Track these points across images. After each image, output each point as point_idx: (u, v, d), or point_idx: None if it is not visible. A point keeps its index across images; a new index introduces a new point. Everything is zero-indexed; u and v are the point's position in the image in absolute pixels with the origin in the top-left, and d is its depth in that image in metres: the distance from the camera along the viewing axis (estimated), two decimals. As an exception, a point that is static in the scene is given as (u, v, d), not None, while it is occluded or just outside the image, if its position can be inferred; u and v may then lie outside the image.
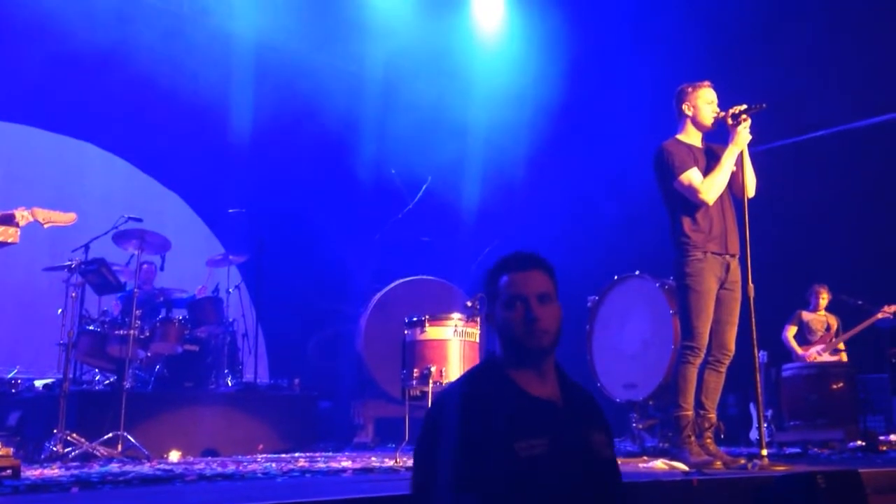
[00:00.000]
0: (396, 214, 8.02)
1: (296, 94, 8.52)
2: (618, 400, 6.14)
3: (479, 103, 9.33)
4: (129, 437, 5.69)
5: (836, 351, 7.36)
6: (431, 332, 5.15)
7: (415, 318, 5.25)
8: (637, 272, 6.22)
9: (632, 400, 6.03)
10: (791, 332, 7.46)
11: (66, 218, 4.68)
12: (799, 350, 7.34)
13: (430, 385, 5.00)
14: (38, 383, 6.90)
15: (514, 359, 2.21)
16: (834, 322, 7.45)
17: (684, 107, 4.49)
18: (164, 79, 7.83)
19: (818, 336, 7.40)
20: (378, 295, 7.59)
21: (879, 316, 7.12)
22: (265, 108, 8.33)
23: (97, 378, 7.04)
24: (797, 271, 7.75)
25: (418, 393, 5.14)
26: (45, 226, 4.62)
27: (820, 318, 7.47)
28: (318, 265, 8.80)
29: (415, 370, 5.12)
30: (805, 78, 7.91)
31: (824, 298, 7.46)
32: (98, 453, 5.53)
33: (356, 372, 7.73)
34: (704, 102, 4.45)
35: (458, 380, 2.32)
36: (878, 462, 4.74)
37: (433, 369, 5.04)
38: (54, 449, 5.40)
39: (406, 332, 5.29)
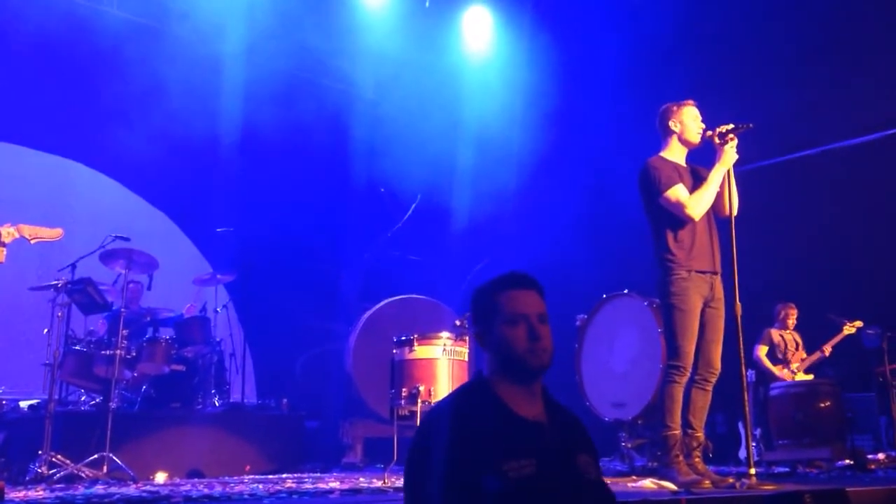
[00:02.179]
0: (385, 233, 8.02)
1: (285, 112, 8.53)
2: (607, 419, 6.13)
3: (468, 122, 9.38)
4: (114, 458, 5.64)
5: (808, 369, 7.39)
6: (420, 351, 5.15)
7: (403, 337, 5.24)
8: (625, 291, 6.23)
9: (621, 419, 6.01)
10: (763, 351, 7.48)
11: (52, 233, 4.67)
12: (775, 370, 7.33)
13: (419, 404, 4.99)
14: (23, 404, 6.84)
15: (512, 377, 2.21)
16: (800, 340, 7.51)
17: (671, 123, 4.52)
18: (152, 97, 7.83)
19: (788, 354, 7.42)
20: (367, 314, 7.57)
21: (845, 332, 7.18)
22: (253, 127, 8.33)
23: (83, 399, 6.97)
24: (782, 290, 7.79)
25: (407, 412, 5.13)
26: (32, 241, 4.61)
27: (788, 336, 7.51)
28: (307, 284, 8.77)
29: (403, 389, 5.11)
30: (789, 98, 8.00)
31: (793, 317, 7.50)
32: (83, 475, 5.47)
33: (345, 391, 7.70)
34: (690, 119, 4.49)
35: (446, 399, 2.30)
36: (866, 481, 4.75)
37: (422, 388, 5.03)
38: (39, 470, 5.34)
39: (395, 351, 5.28)
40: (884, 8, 7.76)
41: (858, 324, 7.11)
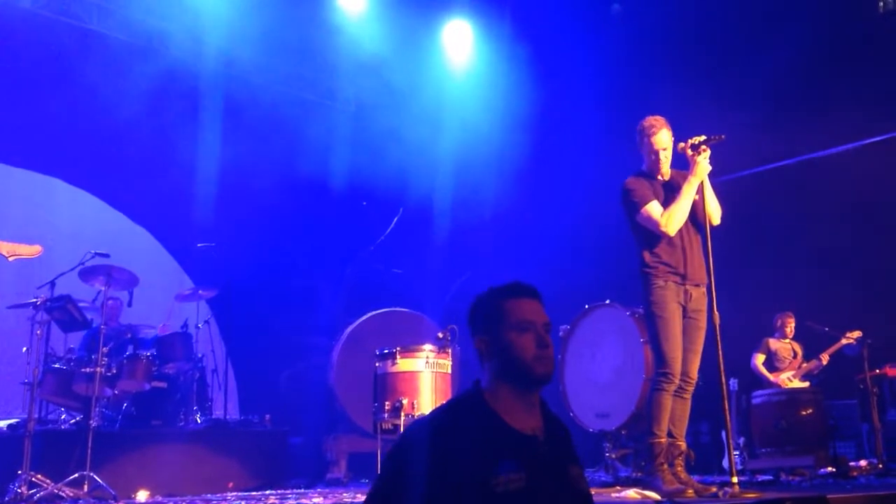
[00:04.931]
0: (368, 246, 8.00)
1: (265, 126, 8.52)
2: (591, 430, 6.14)
3: (449, 135, 9.39)
4: (95, 477, 5.56)
5: (805, 377, 7.45)
6: (403, 363, 5.13)
7: (386, 351, 5.22)
8: (607, 301, 6.25)
9: (604, 430, 6.03)
10: (759, 359, 7.56)
11: (31, 251, 4.63)
12: (770, 377, 7.42)
13: (402, 418, 4.97)
14: (2, 423, 6.73)
15: (517, 384, 2.20)
16: (799, 349, 7.57)
17: (641, 150, 4.62)
18: (131, 113, 7.78)
19: (786, 363, 7.50)
20: (350, 327, 7.54)
21: (843, 342, 7.22)
22: (234, 141, 8.31)
23: (63, 417, 6.89)
24: (765, 299, 7.85)
25: (390, 426, 5.10)
26: (10, 259, 4.56)
27: (786, 345, 7.59)
28: (289, 299, 8.73)
29: (386, 403, 5.09)
30: (769, 108, 8.09)
31: (790, 326, 7.57)
32: (64, 494, 5.40)
33: (328, 406, 7.65)
34: (652, 150, 4.53)
35: (438, 410, 2.29)
36: (848, 488, 4.77)
37: (405, 402, 5.01)
38: (19, 491, 5.26)
39: (377, 364, 5.26)
40: (855, 22, 7.89)
41: (857, 334, 7.15)
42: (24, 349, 6.19)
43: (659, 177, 4.57)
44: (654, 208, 4.42)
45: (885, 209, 7.73)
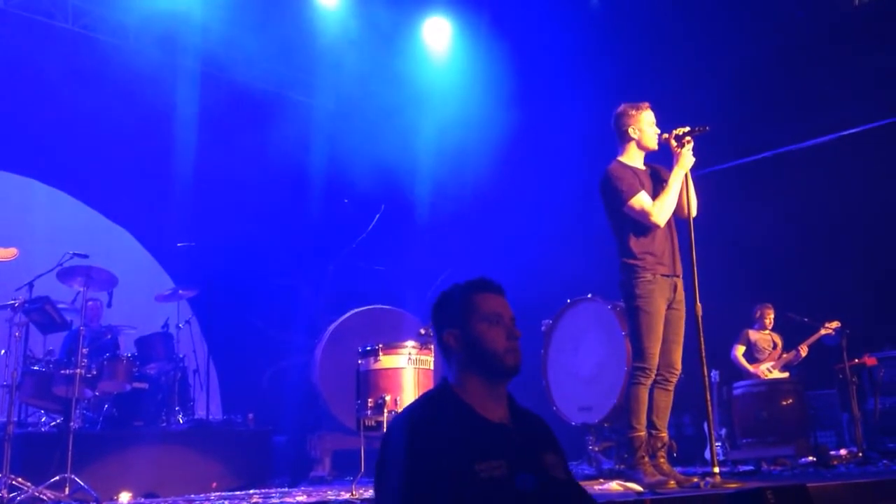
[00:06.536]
0: (350, 244, 7.98)
1: (245, 124, 8.47)
2: (574, 423, 6.16)
3: (430, 131, 9.39)
4: (76, 479, 5.51)
5: (784, 367, 7.51)
6: (385, 360, 5.12)
7: (368, 348, 5.21)
8: (589, 295, 6.27)
9: (587, 423, 6.05)
10: (739, 351, 7.60)
11: (6, 253, 4.59)
12: (750, 368, 7.47)
13: (385, 415, 4.96)
14: (-19, 427, 6.67)
15: (487, 375, 2.24)
16: (779, 340, 7.62)
17: (629, 130, 4.53)
18: (109, 112, 7.73)
19: (766, 354, 7.55)
20: (333, 325, 7.51)
21: (822, 332, 7.27)
22: (213, 139, 8.26)
23: (43, 420, 6.84)
24: (744, 291, 7.90)
25: (373, 423, 5.10)
26: (-15, 262, 4.52)
27: (766, 336, 7.63)
28: (271, 297, 8.69)
29: (369, 400, 5.08)
30: (746, 101, 8.14)
31: (770, 317, 7.62)
32: (45, 497, 5.35)
33: (311, 404, 7.63)
34: (647, 124, 4.52)
35: (413, 404, 2.32)
36: (828, 476, 4.82)
37: (388, 398, 5.00)
38: (-2, 494, 5.23)
39: (360, 361, 5.24)
40: (832, 14, 7.96)
41: (836, 324, 7.19)
42: (3, 351, 6.14)
43: (642, 164, 4.55)
44: (643, 198, 4.37)
45: (862, 200, 7.80)
